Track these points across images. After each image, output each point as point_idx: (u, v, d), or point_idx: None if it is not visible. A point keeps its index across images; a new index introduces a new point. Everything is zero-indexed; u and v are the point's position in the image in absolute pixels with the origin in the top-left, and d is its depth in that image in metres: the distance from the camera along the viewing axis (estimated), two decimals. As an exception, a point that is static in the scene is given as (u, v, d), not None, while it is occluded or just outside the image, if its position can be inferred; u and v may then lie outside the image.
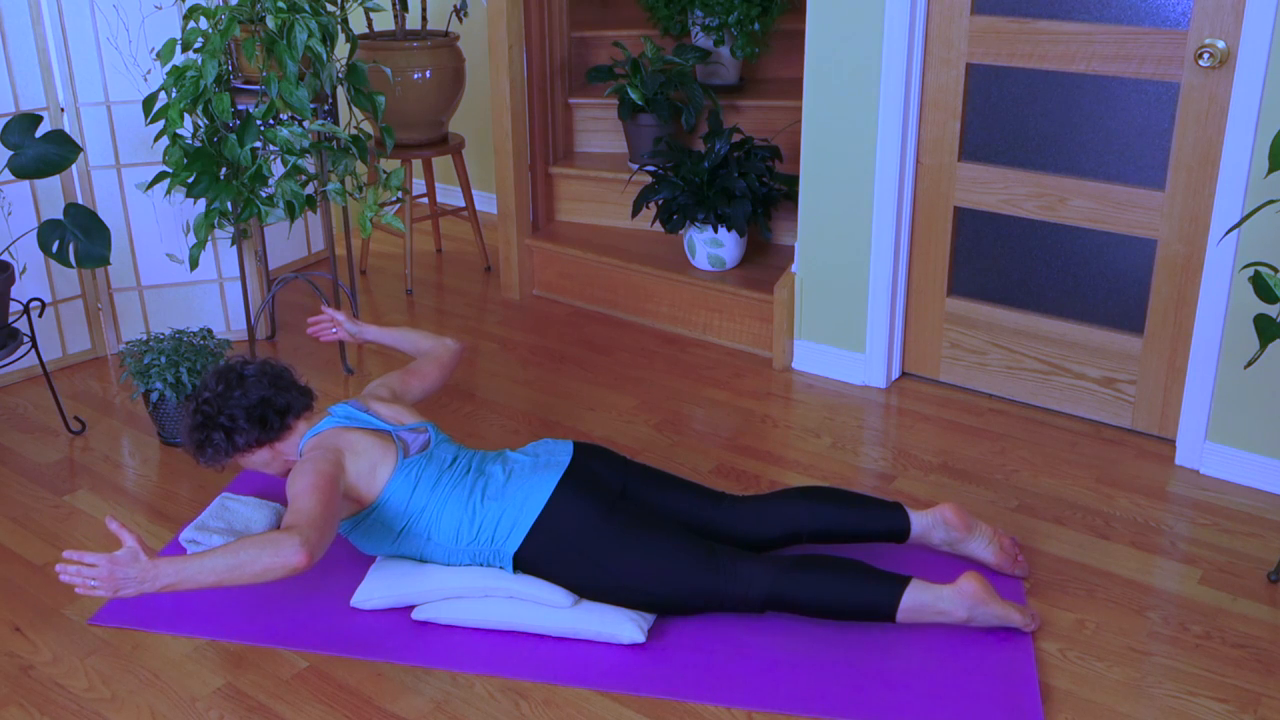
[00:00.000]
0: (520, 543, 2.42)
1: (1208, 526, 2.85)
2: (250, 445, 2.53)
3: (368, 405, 2.62)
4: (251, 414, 2.51)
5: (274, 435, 2.54)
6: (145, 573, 2.08)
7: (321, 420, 2.56)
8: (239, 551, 2.11)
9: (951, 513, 2.60)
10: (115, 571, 2.06)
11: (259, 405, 2.52)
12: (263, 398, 2.53)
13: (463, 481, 2.50)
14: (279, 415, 2.54)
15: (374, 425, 2.55)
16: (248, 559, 2.10)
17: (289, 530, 2.15)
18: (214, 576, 2.10)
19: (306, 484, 2.29)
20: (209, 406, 2.52)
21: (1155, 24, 2.96)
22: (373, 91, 3.52)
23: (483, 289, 4.55)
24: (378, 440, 2.50)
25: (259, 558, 2.10)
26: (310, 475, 2.31)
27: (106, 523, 2.14)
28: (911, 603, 2.35)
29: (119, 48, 3.65)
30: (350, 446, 2.45)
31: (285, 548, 2.10)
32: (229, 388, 2.52)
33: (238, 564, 2.10)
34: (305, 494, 2.26)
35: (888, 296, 3.51)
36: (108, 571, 2.06)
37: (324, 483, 2.30)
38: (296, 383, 2.62)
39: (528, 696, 2.30)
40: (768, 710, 2.24)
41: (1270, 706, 2.26)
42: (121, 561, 2.07)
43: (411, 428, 2.59)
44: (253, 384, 2.53)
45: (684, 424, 3.41)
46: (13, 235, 3.56)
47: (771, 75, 4.63)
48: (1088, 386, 3.34)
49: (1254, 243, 2.86)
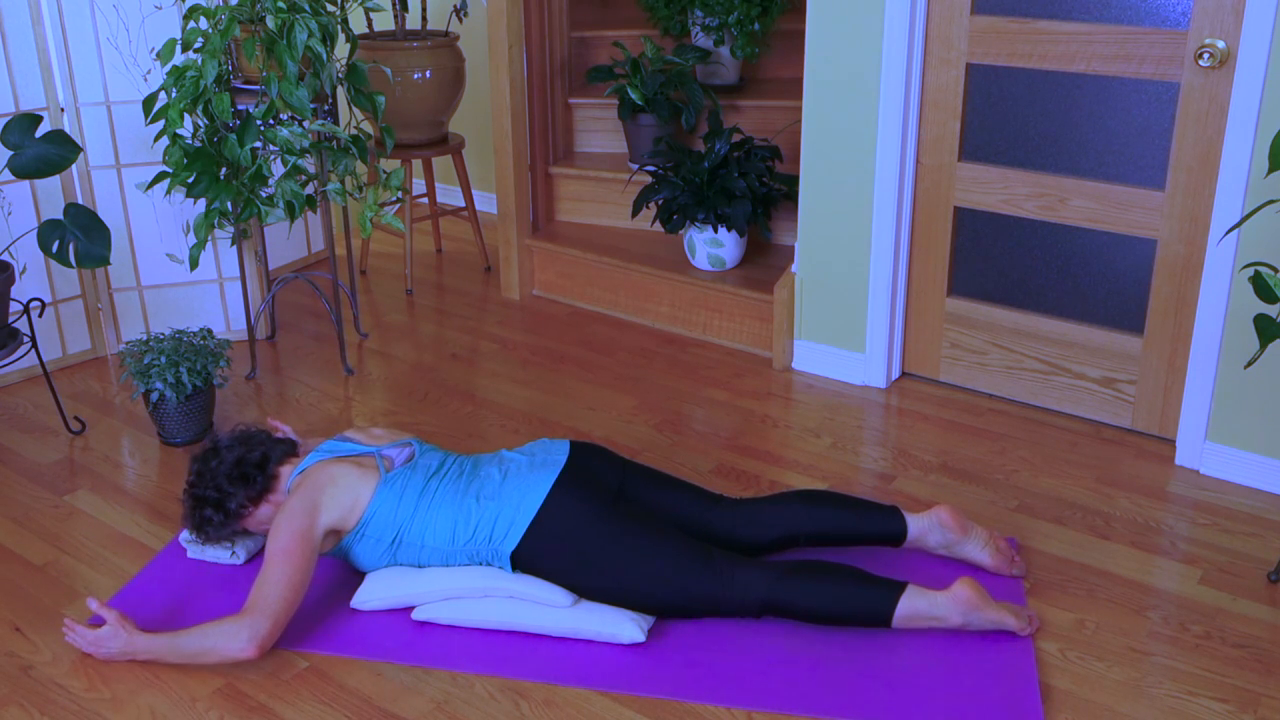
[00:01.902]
0: (517, 542, 2.42)
1: (1208, 526, 2.85)
2: (244, 505, 2.57)
3: (352, 434, 2.68)
4: (232, 476, 2.55)
5: (261, 487, 2.58)
6: (127, 646, 2.38)
7: (308, 456, 2.61)
8: (201, 639, 2.34)
9: (947, 514, 2.60)
10: (102, 644, 2.39)
11: (236, 465, 2.56)
12: (238, 458, 2.58)
13: (455, 484, 2.51)
14: (258, 468, 2.58)
15: (356, 451, 2.60)
16: (204, 648, 2.34)
17: (247, 617, 2.33)
18: (176, 657, 2.37)
19: (276, 555, 2.38)
20: (195, 489, 2.58)
21: (1155, 24, 2.96)
22: (373, 91, 3.52)
23: (483, 289, 4.54)
24: (359, 466, 2.54)
25: (213, 649, 2.33)
26: (281, 541, 2.39)
27: (88, 603, 2.39)
28: (907, 609, 2.36)
29: (119, 48, 3.64)
30: (331, 480, 2.49)
31: (237, 643, 2.32)
32: (205, 463, 2.59)
33: (196, 652, 2.34)
34: (271, 571, 2.37)
35: (888, 296, 3.51)
36: (96, 639, 2.39)
37: (293, 554, 2.38)
38: (271, 437, 2.67)
39: (528, 696, 2.30)
40: (768, 710, 2.24)
41: (1270, 706, 2.26)
42: (105, 637, 2.39)
43: (396, 445, 2.63)
44: (226, 449, 2.60)
45: (684, 424, 3.41)
46: (13, 235, 3.56)
47: (771, 75, 4.63)
48: (1088, 386, 3.33)
49: (1254, 243, 2.86)
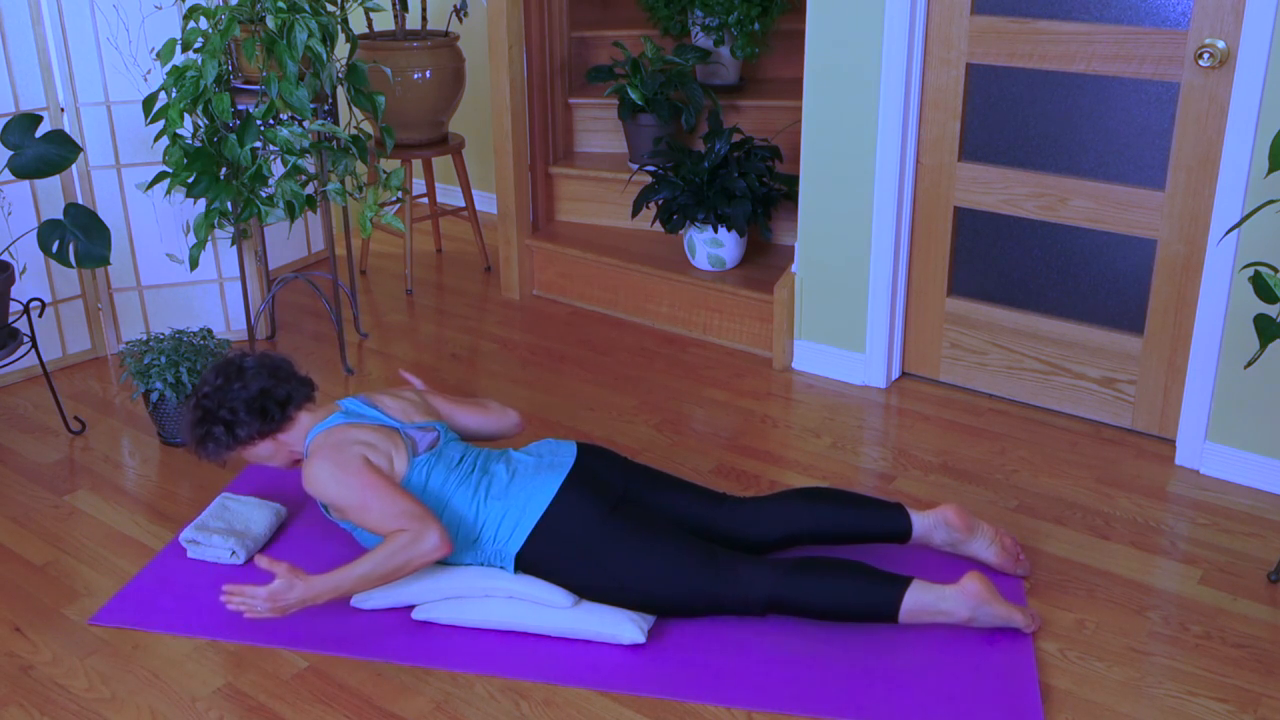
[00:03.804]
0: (522, 543, 2.42)
1: (1208, 526, 2.85)
2: (252, 437, 2.53)
3: (375, 400, 2.62)
4: (252, 406, 2.51)
5: (275, 426, 2.53)
6: (306, 593, 2.31)
7: (330, 415, 2.55)
8: (385, 560, 2.29)
9: (953, 514, 2.59)
10: (279, 597, 2.31)
11: (259, 397, 2.51)
12: (262, 389, 2.52)
13: (468, 480, 2.49)
14: (279, 406, 2.53)
15: (382, 421, 2.54)
16: (396, 563, 2.29)
17: (409, 528, 2.29)
18: (367, 585, 2.32)
19: (369, 499, 2.35)
20: (209, 401, 2.51)
21: (1155, 24, 2.96)
22: (373, 91, 3.52)
23: (483, 289, 4.55)
24: (386, 437, 2.48)
25: (400, 553, 2.28)
26: (360, 491, 2.36)
27: (256, 561, 2.33)
28: (913, 604, 2.35)
29: (119, 48, 3.65)
30: (367, 445, 2.44)
31: (427, 544, 2.29)
32: (228, 381, 2.52)
33: (393, 570, 2.30)
34: (376, 503, 2.34)
35: (888, 296, 3.51)
36: (270, 603, 2.31)
37: (378, 485, 2.36)
38: (296, 374, 2.61)
39: (528, 696, 2.30)
40: (768, 710, 2.24)
41: (1270, 706, 2.26)
42: (280, 591, 2.31)
43: (420, 426, 2.57)
44: (252, 376, 2.53)
45: (684, 424, 3.41)
46: (13, 235, 3.56)
47: (771, 75, 4.63)
48: (1088, 386, 3.34)
49: (1254, 243, 2.86)
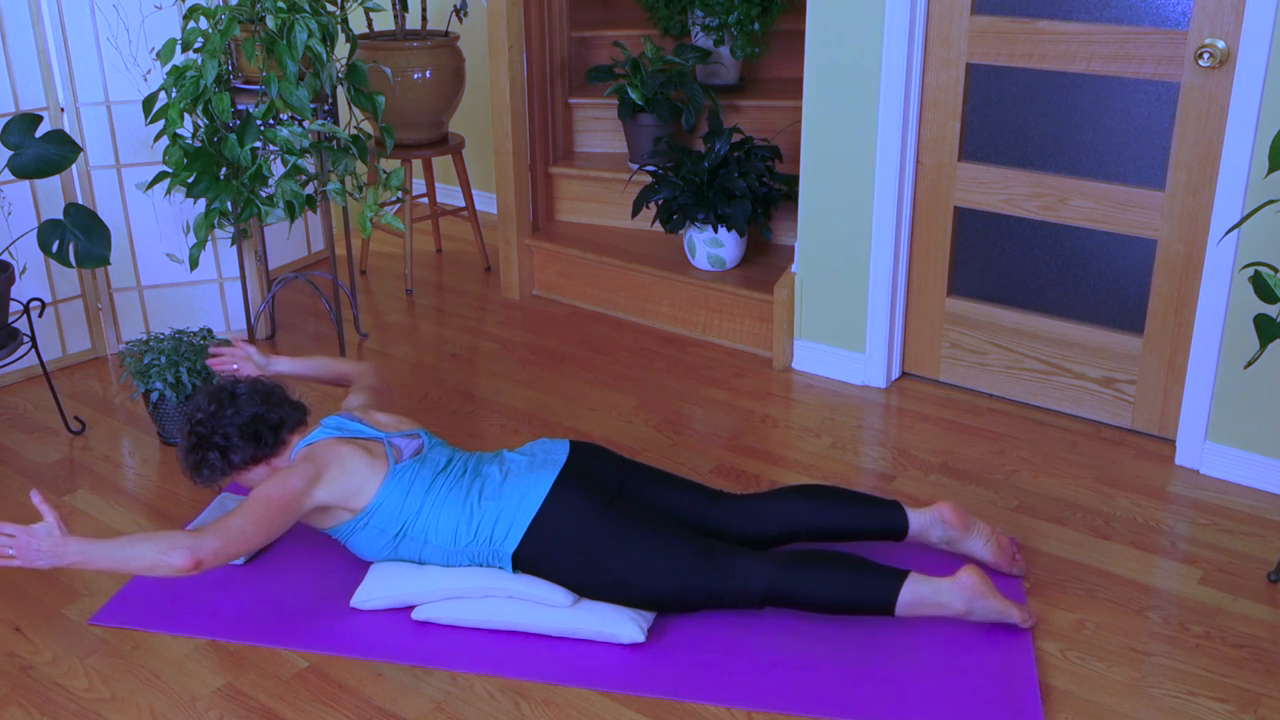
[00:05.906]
0: (518, 542, 2.42)
1: (1208, 526, 2.85)
2: (246, 463, 2.55)
3: (359, 415, 2.65)
4: (245, 431, 2.53)
5: (269, 451, 2.56)
6: (56, 548, 2.20)
7: (313, 431, 2.58)
8: (137, 544, 2.22)
9: (950, 511, 2.60)
10: (30, 543, 2.19)
11: (252, 422, 2.53)
12: (255, 414, 2.54)
13: (459, 483, 2.50)
14: (273, 431, 2.56)
15: (366, 434, 2.58)
16: (139, 553, 2.21)
17: (198, 535, 2.26)
18: (109, 563, 2.22)
19: (259, 499, 2.36)
20: (203, 427, 2.54)
21: (1155, 24, 2.96)
22: (373, 91, 3.52)
23: (483, 289, 4.54)
24: (368, 450, 2.52)
25: (148, 554, 2.21)
26: (271, 490, 2.37)
27: (30, 496, 2.24)
28: (910, 596, 2.35)
29: (119, 48, 3.64)
30: (339, 460, 2.47)
31: (175, 552, 2.21)
32: (221, 407, 2.55)
33: (132, 555, 2.21)
34: (248, 508, 2.34)
35: (888, 296, 3.51)
36: (25, 543, 2.19)
37: (274, 506, 2.36)
38: (289, 398, 2.64)
39: (528, 696, 2.30)
40: (768, 710, 2.24)
41: (1270, 706, 2.26)
42: (38, 535, 2.20)
43: (405, 434, 2.61)
44: (245, 402, 2.56)
45: (684, 424, 3.41)
46: (13, 235, 3.56)
47: (771, 75, 4.63)
48: (1088, 386, 3.33)
49: (1254, 243, 2.86)
